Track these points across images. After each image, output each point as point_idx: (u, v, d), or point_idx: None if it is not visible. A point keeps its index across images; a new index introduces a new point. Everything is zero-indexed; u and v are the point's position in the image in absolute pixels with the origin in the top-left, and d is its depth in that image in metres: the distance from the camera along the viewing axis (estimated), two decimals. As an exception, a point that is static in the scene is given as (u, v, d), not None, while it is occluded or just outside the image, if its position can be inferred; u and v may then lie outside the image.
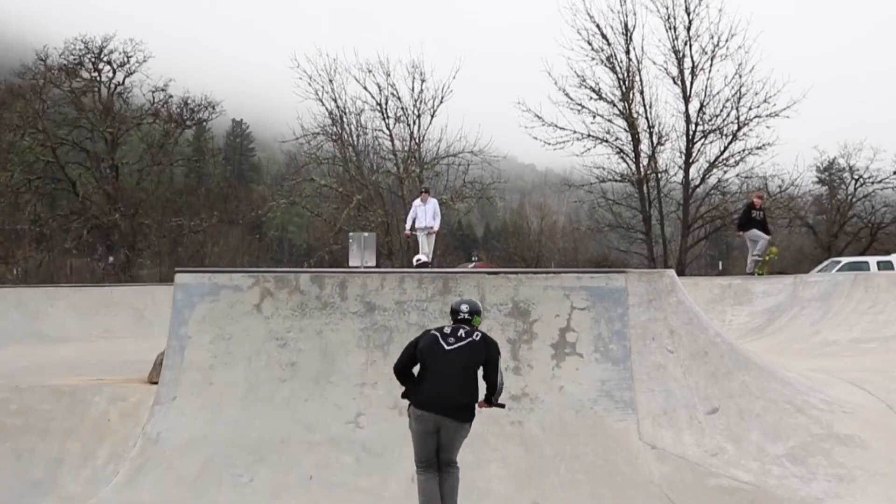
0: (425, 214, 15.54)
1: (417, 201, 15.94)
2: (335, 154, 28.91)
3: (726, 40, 25.64)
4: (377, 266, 17.17)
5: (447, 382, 5.14)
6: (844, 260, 21.95)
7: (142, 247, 31.02)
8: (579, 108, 26.58)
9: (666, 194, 28.08)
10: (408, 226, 15.99)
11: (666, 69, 26.52)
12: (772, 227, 20.56)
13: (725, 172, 26.93)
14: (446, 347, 5.25)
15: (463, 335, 5.32)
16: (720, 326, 11.07)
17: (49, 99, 29.52)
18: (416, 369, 5.37)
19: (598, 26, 26.41)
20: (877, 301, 11.57)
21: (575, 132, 26.66)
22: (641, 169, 26.90)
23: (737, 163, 26.60)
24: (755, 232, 16.26)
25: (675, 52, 26.33)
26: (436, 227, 15.68)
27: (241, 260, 34.18)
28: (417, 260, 14.04)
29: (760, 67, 41.98)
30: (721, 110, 26.22)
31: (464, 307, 5.52)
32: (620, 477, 6.33)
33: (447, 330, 5.40)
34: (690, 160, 26.69)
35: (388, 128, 28.12)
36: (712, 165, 26.64)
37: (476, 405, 5.23)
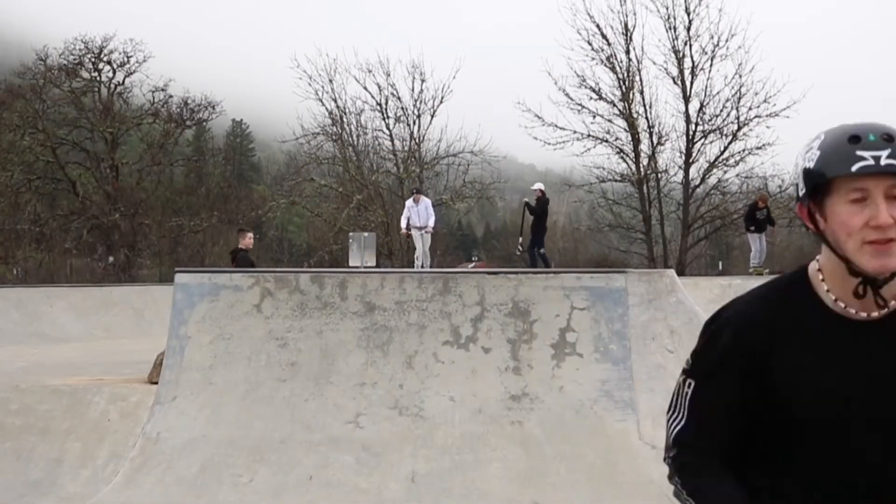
0: (419, 215, 15.65)
1: (410, 202, 16.05)
2: (335, 154, 28.94)
3: (726, 40, 25.70)
4: (377, 266, 17.19)
5: None
6: (844, 260, 22.00)
7: (142, 247, 31.02)
8: (579, 108, 26.63)
9: (666, 194, 28.10)
10: (403, 224, 16.09)
11: (666, 69, 26.56)
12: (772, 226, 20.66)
13: (725, 172, 26.99)
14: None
15: None
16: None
17: (49, 99, 29.51)
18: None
19: (598, 26, 26.46)
20: (877, 301, 11.56)
21: (575, 132, 26.70)
22: (641, 169, 26.92)
23: (737, 163, 26.66)
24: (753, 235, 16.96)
25: (675, 52, 26.35)
26: (430, 226, 15.78)
27: (242, 260, 34.11)
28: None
29: (760, 67, 41.99)
30: (721, 110, 26.27)
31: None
32: (620, 477, 6.32)
33: None
34: (690, 160, 26.71)
35: (388, 128, 28.18)
36: (712, 165, 26.66)
37: None
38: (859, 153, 1.33)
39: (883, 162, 1.31)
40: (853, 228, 1.34)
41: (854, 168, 1.33)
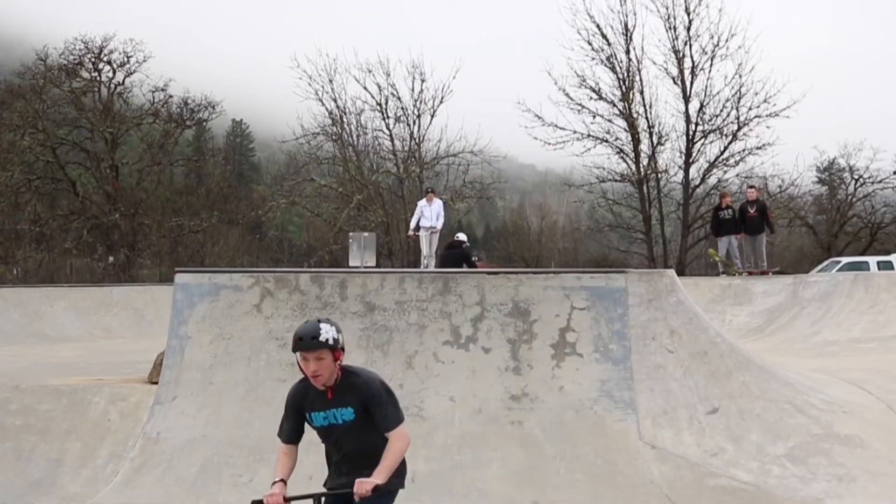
0: (431, 214, 15.66)
1: (423, 201, 16.02)
2: (335, 154, 28.95)
3: (726, 40, 25.71)
4: (377, 266, 17.18)
5: None
6: (844, 260, 22.00)
7: (142, 247, 31.02)
8: (579, 108, 26.64)
9: (666, 194, 28.10)
10: (412, 225, 16.06)
11: (666, 69, 26.56)
12: (775, 225, 20.61)
13: (725, 172, 27.00)
14: None
15: None
16: (720, 326, 11.07)
17: (49, 99, 29.52)
18: None
19: (598, 26, 26.48)
20: (877, 301, 11.56)
21: (575, 132, 26.71)
22: (641, 169, 26.92)
23: (737, 163, 26.67)
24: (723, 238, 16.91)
25: (675, 52, 26.35)
26: (439, 227, 15.81)
27: (241, 260, 34.15)
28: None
29: (760, 67, 41.98)
30: (721, 110, 26.28)
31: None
32: (620, 477, 6.32)
33: None
34: (690, 160, 26.72)
35: (388, 128, 28.18)
36: (712, 165, 26.67)
37: None
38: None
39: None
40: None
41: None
